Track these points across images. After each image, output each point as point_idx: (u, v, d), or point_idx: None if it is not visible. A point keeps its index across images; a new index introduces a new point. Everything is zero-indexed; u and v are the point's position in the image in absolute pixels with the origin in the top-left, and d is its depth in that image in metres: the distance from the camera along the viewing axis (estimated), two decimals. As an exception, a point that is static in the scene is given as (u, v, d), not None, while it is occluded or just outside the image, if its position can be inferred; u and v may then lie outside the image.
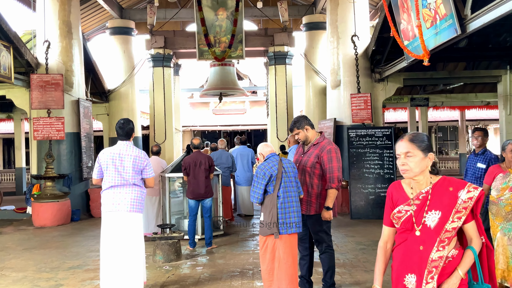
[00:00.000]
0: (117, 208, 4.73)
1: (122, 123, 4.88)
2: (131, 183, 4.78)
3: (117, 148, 4.83)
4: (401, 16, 8.15)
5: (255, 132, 25.04)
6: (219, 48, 13.38)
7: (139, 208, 4.82)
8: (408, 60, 8.59)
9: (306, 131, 5.00)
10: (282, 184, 4.53)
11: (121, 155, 4.78)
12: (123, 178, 4.76)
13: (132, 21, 15.13)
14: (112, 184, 4.77)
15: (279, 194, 4.51)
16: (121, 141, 4.86)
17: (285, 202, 4.53)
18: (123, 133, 4.86)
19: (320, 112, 14.06)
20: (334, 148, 4.86)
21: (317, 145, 4.91)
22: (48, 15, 10.91)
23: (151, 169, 4.95)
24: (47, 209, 9.92)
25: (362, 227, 8.96)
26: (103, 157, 4.82)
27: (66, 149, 11.05)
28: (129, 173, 4.76)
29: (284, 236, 4.51)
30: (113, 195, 4.76)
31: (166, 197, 8.22)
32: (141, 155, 4.86)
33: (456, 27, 6.26)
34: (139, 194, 4.84)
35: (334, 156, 4.81)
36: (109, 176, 4.78)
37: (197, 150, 7.56)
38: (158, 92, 14.65)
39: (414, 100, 14.75)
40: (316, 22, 14.62)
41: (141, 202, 4.86)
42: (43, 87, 10.43)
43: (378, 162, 9.96)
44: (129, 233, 4.75)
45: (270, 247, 4.56)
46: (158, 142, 14.42)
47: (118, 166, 4.75)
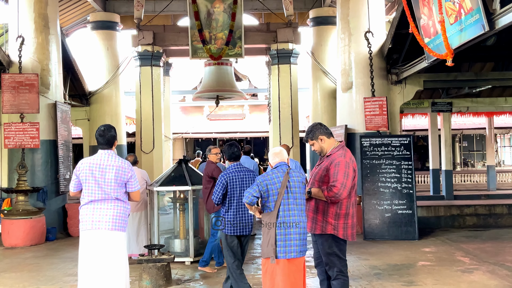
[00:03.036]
0: (97, 226, 4.70)
1: (102, 130, 4.87)
2: (113, 198, 4.76)
3: (98, 158, 4.81)
4: (421, 10, 8.20)
5: (255, 140, 25.07)
6: (215, 45, 13.42)
7: (122, 226, 4.79)
8: (429, 60, 8.62)
9: (321, 141, 4.98)
10: (284, 201, 4.52)
11: (102, 166, 4.76)
12: (104, 191, 4.74)
13: (117, 15, 15.19)
14: (92, 199, 4.74)
15: (279, 211, 4.50)
16: (102, 150, 4.85)
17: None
18: (104, 141, 4.85)
19: (329, 118, 14.08)
20: (344, 162, 4.79)
21: (329, 157, 4.90)
22: (22, 7, 10.96)
23: (136, 182, 4.94)
24: (19, 227, 9.90)
25: (377, 249, 8.95)
26: (82, 167, 4.79)
27: (41, 158, 11.05)
28: (111, 186, 4.74)
29: (282, 261, 4.49)
30: (92, 211, 4.73)
31: (154, 214, 8.22)
32: (125, 165, 4.84)
33: (483, 23, 6.29)
34: (122, 210, 4.81)
35: (341, 169, 4.74)
36: (89, 190, 4.76)
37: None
38: (145, 95, 14.67)
39: (436, 105, 14.76)
40: (325, 16, 14.67)
41: (124, 219, 4.83)
42: (15, 88, 10.46)
43: (395, 175, 9.96)
44: (111, 255, 4.72)
45: (270, 271, 4.55)
46: (145, 151, 14.44)
47: (98, 178, 4.73)
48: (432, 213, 11.10)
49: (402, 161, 10.01)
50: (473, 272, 7.18)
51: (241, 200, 5.67)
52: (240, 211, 5.73)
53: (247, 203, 4.61)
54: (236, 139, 24.05)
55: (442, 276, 7.01)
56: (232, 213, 5.74)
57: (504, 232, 10.33)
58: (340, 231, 4.82)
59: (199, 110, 24.34)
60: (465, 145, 26.01)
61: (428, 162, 17.86)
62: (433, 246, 9.05)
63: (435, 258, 8.13)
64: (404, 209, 9.81)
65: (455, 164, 22.81)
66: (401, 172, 9.97)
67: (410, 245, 9.15)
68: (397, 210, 9.85)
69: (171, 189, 8.30)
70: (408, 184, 9.92)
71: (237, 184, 5.75)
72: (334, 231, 4.81)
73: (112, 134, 4.88)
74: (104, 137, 4.84)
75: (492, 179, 18.77)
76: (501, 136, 26.20)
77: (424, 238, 9.75)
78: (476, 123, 20.96)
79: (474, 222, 11.05)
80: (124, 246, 4.87)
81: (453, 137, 22.61)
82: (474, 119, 19.88)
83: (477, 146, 26.19)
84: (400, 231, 9.77)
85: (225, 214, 5.78)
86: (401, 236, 9.71)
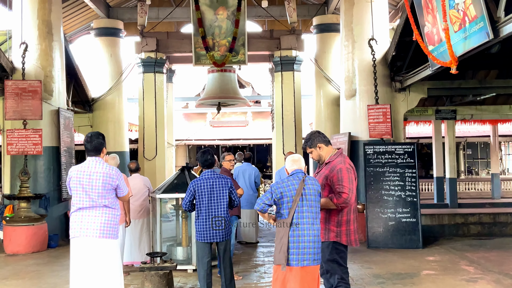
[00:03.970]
0: (85, 233, 4.72)
1: (90, 137, 4.91)
2: (101, 205, 4.78)
3: (85, 166, 4.85)
4: (425, 17, 8.21)
5: (258, 147, 25.05)
6: (219, 52, 13.45)
7: (111, 233, 4.80)
8: (433, 68, 8.62)
9: (319, 149, 5.03)
10: (297, 209, 4.52)
11: (90, 173, 4.79)
12: (91, 199, 4.77)
13: (120, 21, 15.25)
14: (80, 206, 4.78)
15: (293, 219, 4.51)
16: (89, 158, 4.90)
17: (299, 229, 4.52)
18: (92, 148, 4.89)
19: (333, 125, 14.08)
20: (345, 168, 4.84)
21: (328, 164, 4.93)
22: (26, 13, 11.00)
23: (125, 186, 5.00)
24: (21, 234, 9.90)
25: (381, 257, 8.91)
26: (70, 175, 4.87)
27: (44, 165, 11.06)
28: (98, 193, 4.77)
29: (295, 269, 4.49)
30: (81, 219, 4.77)
31: (156, 221, 8.21)
32: (112, 172, 4.87)
33: (488, 31, 6.29)
34: (111, 217, 4.82)
35: (344, 175, 4.80)
36: (77, 197, 4.80)
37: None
38: (148, 101, 14.69)
39: (440, 112, 14.75)
40: (329, 23, 14.71)
41: (114, 226, 4.84)
42: (18, 95, 10.48)
43: (398, 183, 9.94)
44: (101, 262, 4.73)
45: (280, 279, 4.55)
46: (148, 158, 14.45)
47: (85, 186, 4.76)
48: (436, 221, 11.05)
49: (406, 169, 9.98)
50: (477, 281, 7.14)
51: (210, 207, 5.90)
52: (209, 219, 5.88)
53: (258, 211, 4.63)
54: (239, 146, 24.10)
55: (446, 285, 6.98)
56: (201, 220, 5.92)
57: (509, 241, 10.27)
58: (343, 237, 4.88)
59: (202, 117, 24.36)
60: (469, 152, 25.94)
61: (432, 169, 17.82)
62: (437, 255, 9.01)
63: (439, 267, 8.09)
64: (408, 217, 9.78)
65: (459, 172, 22.75)
66: (405, 180, 9.95)
67: (414, 254, 9.11)
68: (401, 218, 9.81)
69: (173, 196, 8.29)
70: (412, 192, 9.89)
71: (204, 191, 5.92)
72: (337, 238, 4.87)
73: (100, 141, 4.92)
74: (91, 143, 4.88)
75: (496, 187, 18.71)
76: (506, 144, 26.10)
77: (428, 247, 9.71)
78: (481, 130, 20.92)
79: (478, 231, 10.99)
80: (115, 253, 4.86)
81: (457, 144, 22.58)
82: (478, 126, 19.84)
83: (481, 154, 26.12)
84: (404, 240, 9.74)
85: (196, 222, 5.99)
86: (405, 245, 9.67)
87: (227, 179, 6.05)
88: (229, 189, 6.01)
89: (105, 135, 5.20)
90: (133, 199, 8.04)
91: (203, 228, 5.90)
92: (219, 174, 6.10)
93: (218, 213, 5.91)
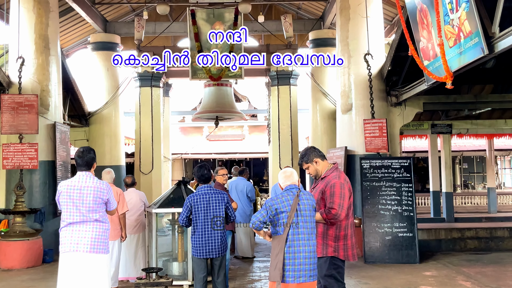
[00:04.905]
0: (75, 248, 4.70)
1: (81, 152, 4.92)
2: (91, 219, 4.78)
3: (75, 180, 4.85)
4: (421, 33, 8.26)
5: (255, 161, 25.03)
6: (215, 67, 13.49)
7: (102, 248, 4.78)
8: (429, 83, 8.66)
9: (315, 164, 5.04)
10: (293, 224, 4.50)
11: (80, 188, 4.79)
12: (82, 214, 4.76)
13: (117, 36, 15.30)
14: (71, 221, 4.77)
15: (288, 235, 4.49)
16: (80, 172, 4.90)
17: (294, 245, 4.49)
18: (83, 163, 4.89)
19: (329, 139, 14.10)
20: (339, 183, 4.86)
21: (324, 179, 4.94)
22: (23, 28, 11.04)
23: (114, 200, 5.02)
24: (16, 249, 9.83)
25: (378, 272, 8.87)
26: (60, 190, 4.86)
27: (39, 179, 11.02)
28: (89, 208, 4.77)
29: (292, 286, 4.46)
30: (71, 233, 4.75)
31: (152, 236, 8.16)
32: (103, 186, 4.88)
33: (482, 46, 6.33)
34: (102, 232, 4.81)
35: (337, 191, 4.82)
36: (67, 212, 4.79)
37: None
38: (145, 115, 14.71)
39: (436, 126, 14.80)
40: (325, 38, 14.80)
41: (104, 241, 4.83)
42: (15, 109, 10.47)
43: (395, 198, 9.92)
44: (90, 277, 4.70)
45: (277, 295, 4.51)
46: (144, 172, 14.42)
47: (76, 200, 4.76)
48: (433, 236, 11.04)
49: (403, 183, 9.97)
50: (474, 296, 7.11)
51: (206, 223, 5.86)
52: (205, 234, 5.85)
53: (253, 229, 4.61)
54: (235, 160, 24.06)
55: (443, 300, 6.95)
56: (197, 236, 5.89)
57: (506, 255, 10.26)
58: (340, 252, 4.88)
59: (198, 131, 24.35)
60: (465, 167, 25.99)
61: (429, 183, 17.82)
62: (434, 270, 8.98)
63: (436, 282, 8.06)
64: (404, 232, 9.75)
65: (455, 186, 22.75)
66: (402, 194, 9.94)
67: (411, 269, 9.08)
68: (398, 233, 9.79)
69: (169, 211, 8.25)
70: (408, 207, 9.88)
71: (201, 207, 5.90)
72: (335, 253, 4.86)
73: (91, 156, 4.93)
74: (83, 158, 4.88)
75: (492, 201, 18.69)
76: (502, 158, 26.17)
77: (425, 262, 9.68)
78: (476, 145, 20.96)
79: (475, 246, 10.98)
80: (105, 268, 4.84)
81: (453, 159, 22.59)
82: (474, 141, 19.88)
83: (478, 168, 26.17)
84: (401, 255, 9.70)
85: (192, 237, 5.95)
86: (402, 260, 9.64)
87: (223, 194, 6.03)
88: (226, 204, 5.99)
89: (101, 149, 5.25)
90: (128, 213, 8.01)
91: (199, 244, 5.87)
92: (215, 190, 6.08)
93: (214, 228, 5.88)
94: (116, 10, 16.56)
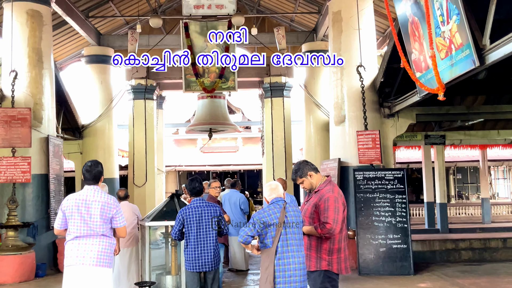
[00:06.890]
0: (81, 262, 4.69)
1: (90, 166, 4.92)
2: (98, 234, 4.78)
3: (83, 194, 4.84)
4: (412, 45, 8.31)
5: (249, 173, 25.01)
6: (208, 79, 13.53)
7: (107, 262, 4.78)
8: (421, 94, 8.70)
9: (310, 177, 5.03)
10: (281, 237, 4.49)
11: (88, 202, 4.79)
12: (89, 227, 4.75)
13: (111, 49, 15.32)
14: (77, 235, 4.76)
15: (277, 248, 4.48)
16: (88, 186, 4.91)
17: (284, 257, 4.49)
18: (91, 177, 4.91)
19: (323, 150, 14.11)
20: (333, 197, 4.86)
21: (318, 193, 4.94)
22: (16, 41, 11.04)
23: (122, 217, 4.97)
24: (8, 263, 9.74)
25: (372, 284, 8.85)
26: (67, 204, 4.83)
27: (32, 193, 10.96)
28: (97, 222, 4.76)
29: None
30: (78, 247, 4.75)
31: (146, 249, 8.10)
32: (110, 201, 4.87)
33: (473, 59, 6.37)
34: (108, 246, 4.81)
35: (331, 205, 4.81)
36: (74, 226, 4.77)
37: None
38: (138, 128, 14.70)
39: (429, 137, 14.83)
40: (317, 50, 14.82)
41: (110, 255, 4.83)
42: (8, 122, 10.43)
43: (389, 209, 9.92)
44: None
45: (268, 309, 4.49)
46: (138, 184, 14.39)
47: (84, 214, 4.75)
48: (427, 247, 11.03)
49: (396, 195, 9.98)
50: (469, 308, 7.10)
51: (198, 237, 5.84)
52: (198, 248, 5.83)
53: (242, 243, 4.59)
54: (229, 172, 24.02)
55: (438, 312, 6.93)
56: (190, 250, 5.86)
57: (500, 266, 10.25)
58: (334, 265, 4.86)
59: (192, 143, 24.33)
60: (459, 177, 26.03)
61: (423, 194, 17.82)
62: (429, 282, 8.96)
63: (430, 293, 8.05)
64: (399, 244, 9.73)
65: (449, 196, 22.77)
66: (395, 205, 9.93)
67: (405, 281, 9.06)
68: (392, 244, 9.77)
69: (163, 224, 8.20)
70: (402, 218, 9.87)
71: (193, 220, 5.87)
72: (329, 266, 4.84)
73: (99, 169, 4.94)
74: (91, 172, 4.88)
75: (486, 211, 18.72)
76: (495, 168, 26.23)
77: (419, 273, 9.66)
78: (470, 155, 21.01)
79: (469, 257, 10.97)
80: (109, 282, 4.84)
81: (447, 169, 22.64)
82: (467, 151, 19.94)
83: (471, 178, 26.22)
84: (395, 266, 9.68)
85: (185, 250, 5.93)
86: (396, 272, 9.61)
87: (215, 207, 6.02)
88: (218, 217, 5.97)
89: (95, 161, 5.19)
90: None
91: (192, 258, 5.84)
92: (208, 203, 6.06)
93: (207, 242, 5.85)
94: (109, 24, 16.59)
